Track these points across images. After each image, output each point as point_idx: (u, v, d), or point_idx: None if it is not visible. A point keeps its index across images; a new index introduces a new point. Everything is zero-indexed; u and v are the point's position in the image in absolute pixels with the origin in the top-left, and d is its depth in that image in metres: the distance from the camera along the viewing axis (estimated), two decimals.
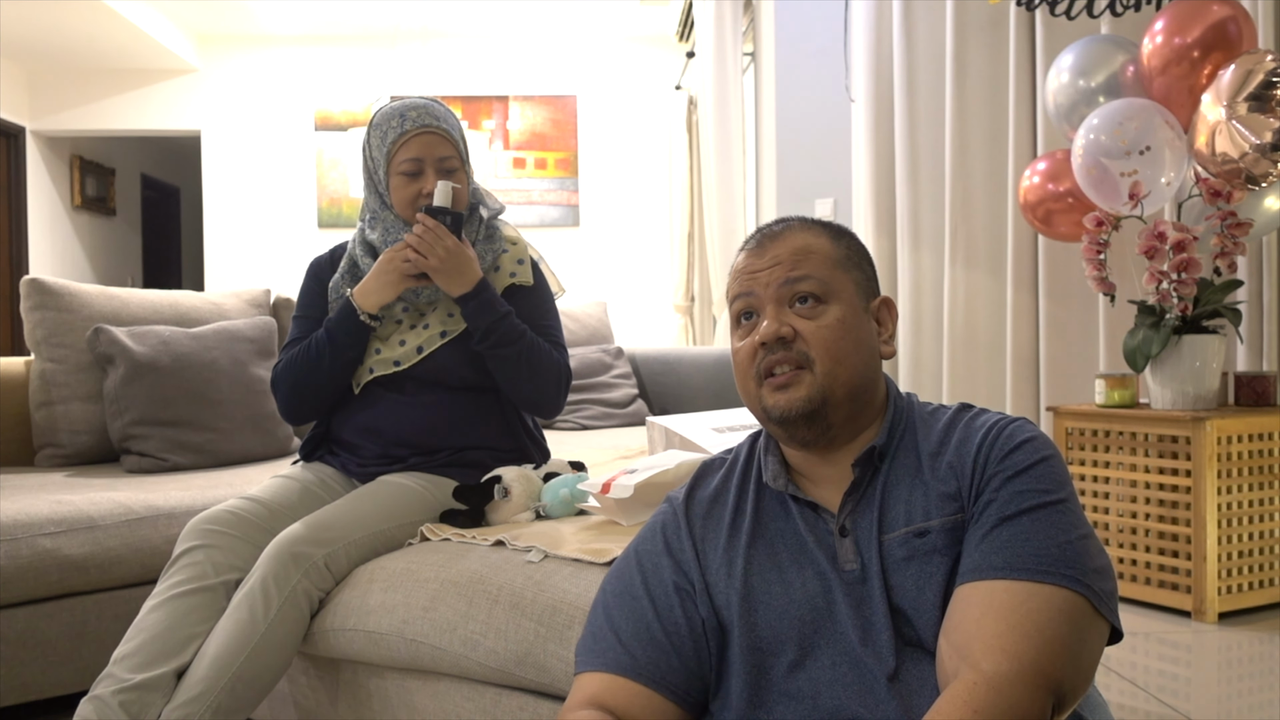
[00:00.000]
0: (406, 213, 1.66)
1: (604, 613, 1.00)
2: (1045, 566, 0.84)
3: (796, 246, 1.01)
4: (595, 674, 0.96)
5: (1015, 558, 0.85)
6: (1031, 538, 0.86)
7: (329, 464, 1.72)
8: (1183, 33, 2.30)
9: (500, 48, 6.52)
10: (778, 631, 0.93)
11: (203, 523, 1.48)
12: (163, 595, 1.40)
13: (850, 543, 0.95)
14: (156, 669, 1.32)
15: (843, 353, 0.97)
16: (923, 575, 0.90)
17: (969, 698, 0.77)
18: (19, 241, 6.28)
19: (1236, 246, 2.28)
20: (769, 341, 0.97)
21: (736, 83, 4.64)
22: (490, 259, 1.71)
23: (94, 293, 2.57)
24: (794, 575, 0.95)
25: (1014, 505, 0.88)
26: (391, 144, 1.63)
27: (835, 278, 1.00)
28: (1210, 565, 2.23)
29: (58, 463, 2.47)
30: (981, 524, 0.89)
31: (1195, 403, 2.33)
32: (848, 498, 0.97)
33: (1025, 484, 0.89)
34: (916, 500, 0.94)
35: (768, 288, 0.99)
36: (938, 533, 0.91)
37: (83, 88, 6.39)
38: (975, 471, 0.92)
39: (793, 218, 1.06)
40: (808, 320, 0.97)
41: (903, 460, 0.97)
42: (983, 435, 0.94)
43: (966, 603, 0.85)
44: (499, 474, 1.59)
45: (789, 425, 0.97)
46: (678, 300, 5.36)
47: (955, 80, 3.12)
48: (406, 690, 1.40)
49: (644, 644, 0.96)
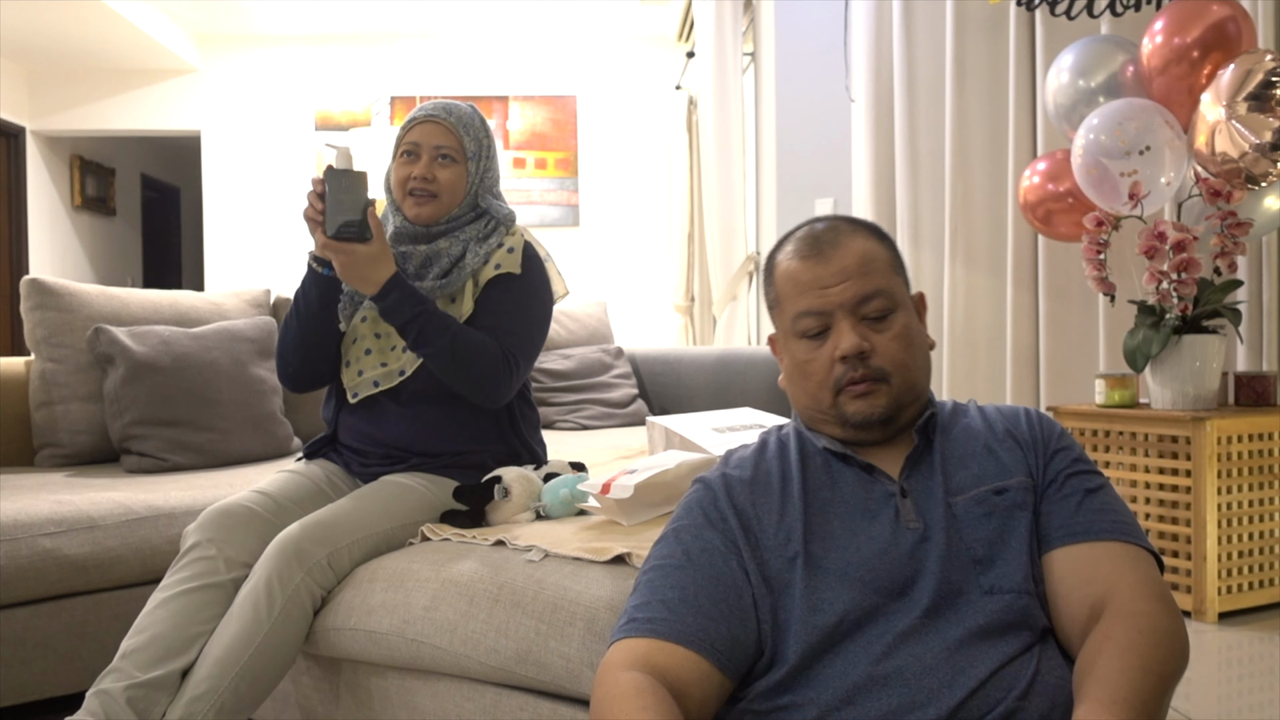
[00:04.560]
0: (399, 195, 1.69)
1: (646, 588, 1.00)
2: (1135, 533, 0.98)
3: (860, 255, 1.04)
4: (639, 639, 0.95)
5: (1116, 524, 0.98)
6: (1116, 507, 1.00)
7: (333, 461, 1.73)
8: (1182, 33, 2.30)
9: (500, 48, 6.52)
10: (843, 588, 0.95)
11: (215, 515, 1.48)
12: (173, 590, 1.40)
13: (910, 503, 1.01)
14: (165, 666, 1.33)
15: (911, 361, 1.04)
16: (1006, 528, 0.98)
17: (1140, 632, 0.88)
18: (19, 241, 6.28)
19: (1236, 246, 2.28)
20: (850, 356, 1.02)
21: (736, 83, 4.64)
22: (483, 259, 1.69)
23: (94, 293, 2.57)
24: (861, 532, 0.99)
25: (1091, 480, 1.01)
26: (402, 128, 1.69)
27: (895, 285, 1.05)
28: (1210, 565, 2.23)
29: (58, 463, 2.47)
30: (1067, 492, 1.00)
31: (1195, 403, 2.33)
32: (909, 461, 1.04)
33: (1086, 464, 1.03)
34: (987, 465, 1.02)
35: (842, 305, 1.03)
36: (1015, 490, 1.00)
37: (83, 88, 6.39)
38: (1038, 444, 1.04)
39: (835, 218, 1.09)
40: (879, 333, 1.03)
41: (954, 433, 1.06)
42: (1026, 416, 1.07)
43: (1088, 559, 0.96)
44: (499, 474, 1.59)
45: (868, 429, 1.03)
46: (678, 300, 5.36)
47: (955, 80, 3.12)
48: (407, 690, 1.40)
49: (690, 610, 0.96)
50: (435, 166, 1.66)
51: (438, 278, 1.67)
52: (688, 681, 0.93)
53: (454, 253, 1.68)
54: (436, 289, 1.65)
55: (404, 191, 1.68)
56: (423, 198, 1.66)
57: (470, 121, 1.70)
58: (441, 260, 1.67)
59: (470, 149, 1.69)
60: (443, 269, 1.67)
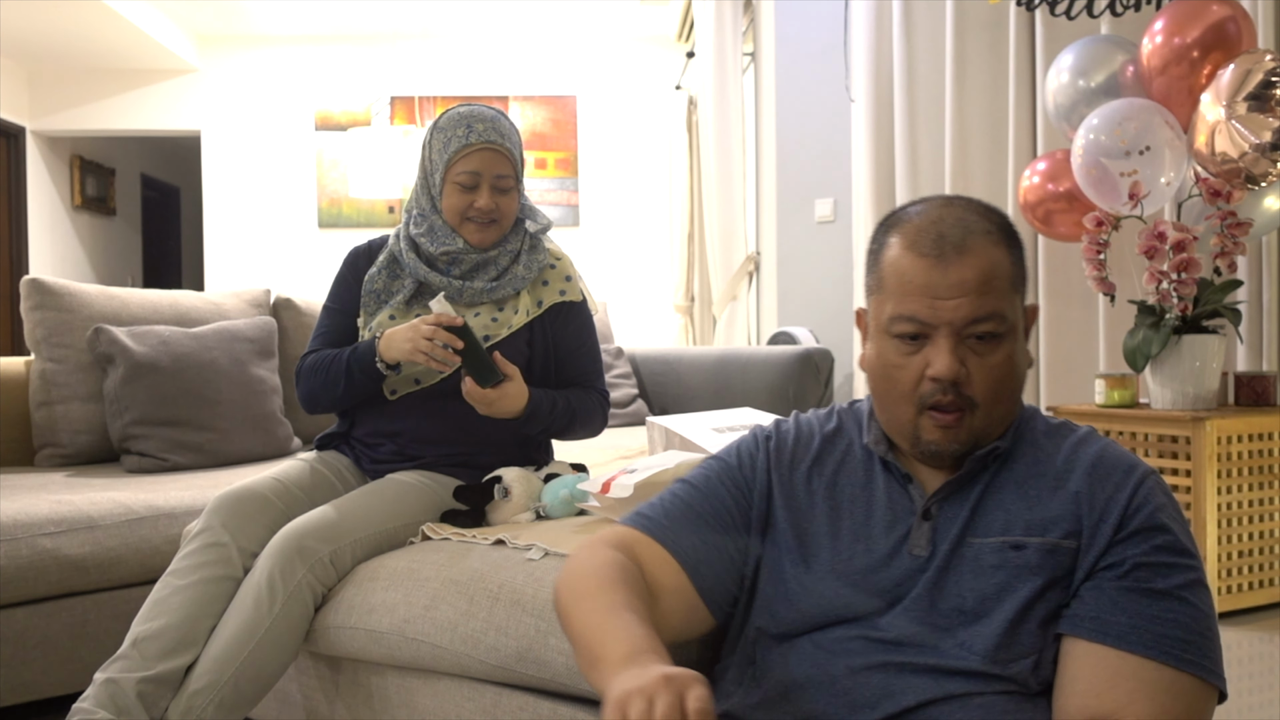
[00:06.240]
0: (454, 220, 1.67)
1: (662, 499, 1.06)
2: (1191, 656, 0.83)
3: (983, 269, 0.92)
4: (634, 530, 1.02)
5: (1163, 639, 0.84)
6: (1181, 619, 0.84)
7: (345, 454, 1.73)
8: (1182, 33, 2.30)
9: (500, 48, 6.52)
10: (824, 587, 0.96)
11: (231, 501, 1.49)
12: (188, 578, 1.40)
13: (928, 528, 0.94)
14: (174, 660, 1.34)
15: (1005, 393, 0.94)
16: (1007, 588, 0.89)
17: None
18: (19, 241, 6.28)
19: (1236, 246, 2.28)
20: (943, 380, 0.92)
21: (736, 83, 4.64)
22: (535, 271, 1.72)
23: (94, 293, 2.57)
24: (864, 539, 0.97)
25: (1166, 579, 0.86)
26: (454, 152, 1.63)
27: (1012, 307, 0.94)
28: (1210, 565, 2.23)
29: (58, 463, 2.47)
30: (1127, 583, 0.86)
31: (1195, 403, 2.33)
32: (948, 484, 0.95)
33: (1170, 557, 0.87)
34: (1018, 512, 0.92)
35: (949, 324, 0.92)
36: (1034, 550, 0.89)
37: (83, 88, 6.39)
38: (1112, 512, 0.89)
39: (969, 209, 0.96)
40: (979, 357, 0.92)
41: (1012, 469, 0.95)
42: (1135, 488, 0.90)
43: (1107, 667, 0.84)
44: (499, 474, 1.60)
45: (938, 459, 0.95)
46: (678, 300, 5.36)
47: (955, 80, 3.12)
48: (407, 689, 1.40)
49: (688, 528, 1.01)
50: (496, 196, 1.65)
51: (487, 281, 1.69)
52: (663, 585, 0.98)
53: (503, 263, 1.70)
54: (485, 291, 1.67)
55: (462, 218, 1.66)
56: (485, 224, 1.66)
57: (517, 141, 1.70)
58: (490, 268, 1.70)
59: (519, 171, 1.70)
60: (491, 275, 1.69)
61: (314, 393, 1.68)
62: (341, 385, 1.63)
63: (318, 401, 1.69)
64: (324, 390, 1.66)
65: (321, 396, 1.68)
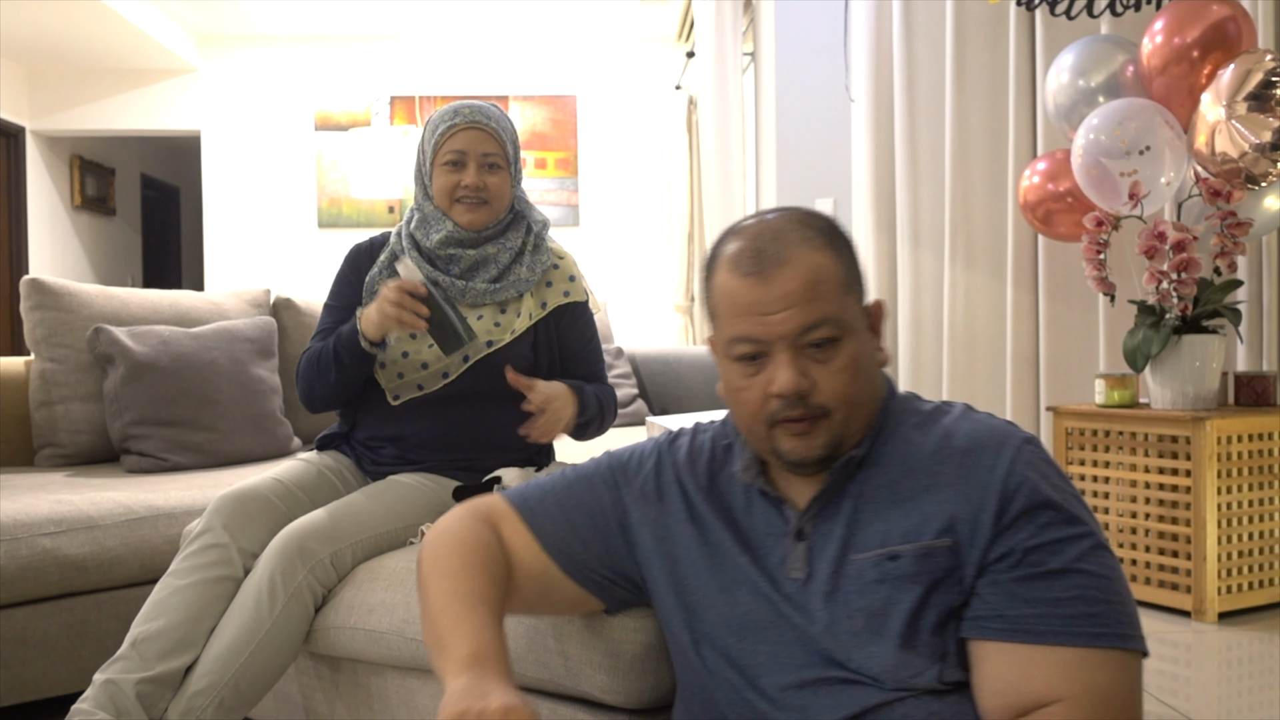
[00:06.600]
0: (444, 203, 1.67)
1: (553, 476, 1.10)
2: (1102, 629, 0.82)
3: (806, 277, 0.90)
4: (508, 507, 1.06)
5: (1070, 620, 0.82)
6: (1083, 593, 0.83)
7: (346, 455, 1.73)
8: (1182, 32, 2.30)
9: (500, 48, 6.52)
10: (696, 608, 0.98)
11: (232, 502, 1.48)
12: (188, 578, 1.40)
13: (803, 549, 0.93)
14: (174, 661, 1.34)
15: (857, 394, 0.92)
16: (891, 602, 0.87)
17: None
18: (19, 241, 6.28)
19: (1236, 246, 2.28)
20: (787, 395, 0.90)
21: (736, 83, 4.64)
22: (539, 273, 1.71)
23: (94, 293, 2.57)
24: (730, 561, 0.97)
25: (1058, 556, 0.84)
26: (440, 134, 1.65)
27: (846, 308, 0.93)
28: (1210, 565, 2.23)
29: (58, 463, 2.47)
30: (1019, 573, 0.84)
31: (1195, 403, 2.33)
32: (815, 500, 0.94)
33: (1059, 531, 0.85)
34: (896, 520, 0.90)
35: (782, 338, 0.90)
36: (908, 559, 0.87)
37: (83, 88, 6.39)
38: (989, 500, 0.87)
39: (787, 218, 0.96)
40: (822, 365, 0.91)
41: (884, 472, 0.93)
42: (1009, 468, 0.88)
43: (1022, 662, 0.83)
44: (499, 474, 1.60)
45: (804, 468, 0.93)
46: (678, 300, 5.37)
47: (955, 80, 3.12)
48: (407, 689, 1.40)
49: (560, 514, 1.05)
50: (484, 174, 1.65)
51: (488, 282, 1.68)
52: (525, 567, 1.03)
53: (503, 260, 1.69)
54: (487, 293, 1.66)
55: (451, 199, 1.66)
56: (474, 204, 1.66)
57: (507, 126, 1.70)
58: (490, 267, 1.68)
59: (510, 154, 1.70)
60: (492, 275, 1.68)
61: (310, 386, 1.68)
62: (333, 373, 1.63)
63: (315, 395, 1.68)
64: (318, 381, 1.66)
65: (317, 388, 1.67)
